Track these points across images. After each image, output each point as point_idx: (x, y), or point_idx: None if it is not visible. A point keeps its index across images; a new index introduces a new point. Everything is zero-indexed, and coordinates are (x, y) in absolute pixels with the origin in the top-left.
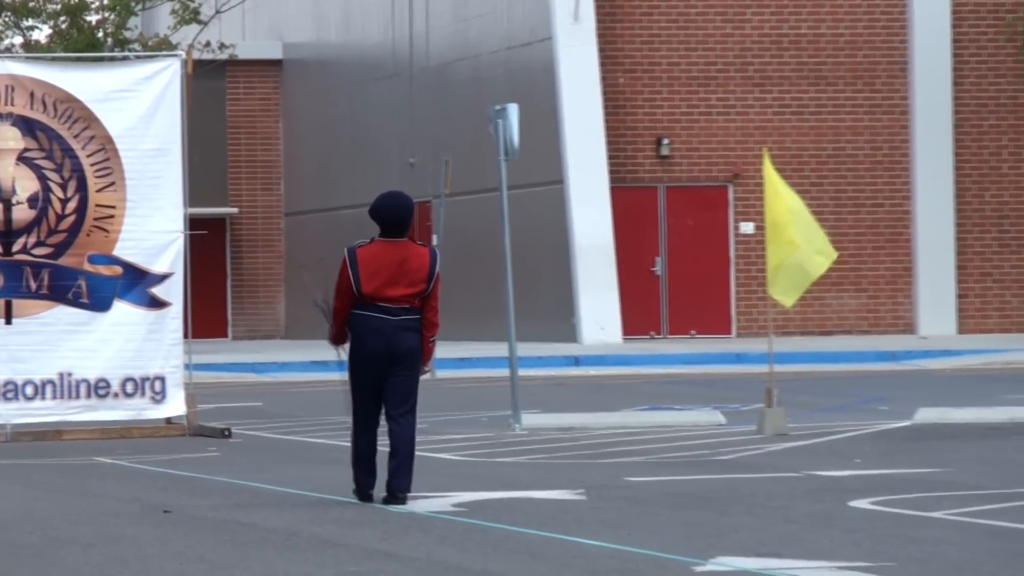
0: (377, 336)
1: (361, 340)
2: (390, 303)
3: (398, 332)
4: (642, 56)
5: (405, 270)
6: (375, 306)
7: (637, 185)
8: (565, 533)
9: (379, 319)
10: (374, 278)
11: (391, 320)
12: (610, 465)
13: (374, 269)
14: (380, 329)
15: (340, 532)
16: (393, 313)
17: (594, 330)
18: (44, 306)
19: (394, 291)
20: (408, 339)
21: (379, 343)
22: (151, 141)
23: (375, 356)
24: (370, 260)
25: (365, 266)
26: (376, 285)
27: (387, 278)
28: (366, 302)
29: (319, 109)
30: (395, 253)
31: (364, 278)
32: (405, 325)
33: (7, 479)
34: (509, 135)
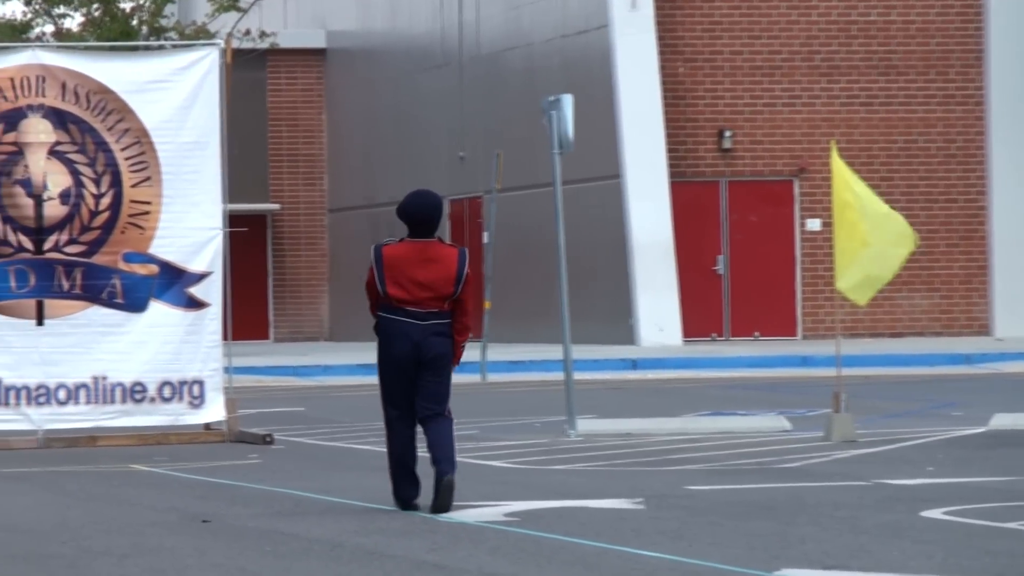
0: (405, 340)
1: (388, 344)
2: (418, 306)
3: (427, 337)
4: (703, 44)
5: (432, 272)
6: (402, 310)
7: (698, 180)
8: (622, 544)
9: (407, 323)
10: (399, 280)
11: (419, 324)
12: (670, 473)
13: (399, 270)
14: (408, 333)
15: (387, 542)
16: (421, 317)
17: (653, 332)
18: (77, 306)
19: (421, 293)
20: (437, 344)
21: (406, 347)
22: (188, 134)
23: (403, 361)
24: (396, 261)
25: (390, 267)
26: (402, 287)
27: (413, 280)
28: (393, 305)
29: (364, 100)
30: (422, 254)
31: (389, 280)
32: (435, 330)
33: (39, 487)
34: (563, 127)
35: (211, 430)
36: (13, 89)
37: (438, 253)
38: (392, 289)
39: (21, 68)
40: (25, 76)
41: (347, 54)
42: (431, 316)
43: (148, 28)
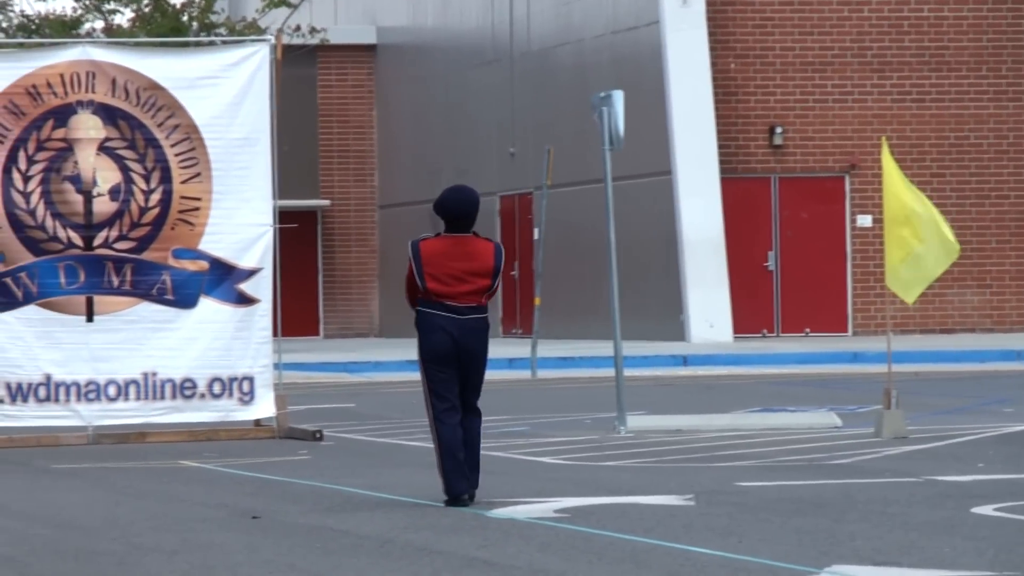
0: (444, 336)
1: (429, 340)
2: (456, 300)
3: (466, 333)
4: (754, 40)
5: (470, 266)
6: (441, 304)
7: (749, 176)
8: (672, 540)
9: (446, 318)
10: (437, 274)
11: (458, 319)
12: (720, 469)
13: (437, 264)
14: (446, 328)
15: (436, 539)
16: (460, 312)
17: (703, 328)
18: (127, 303)
19: (459, 287)
20: (475, 339)
21: (447, 343)
22: (238, 130)
23: (444, 355)
24: (433, 255)
25: (428, 262)
26: (440, 281)
27: (451, 274)
28: (432, 300)
29: (415, 96)
30: (459, 248)
31: (427, 274)
32: (474, 325)
33: (89, 483)
34: (614, 123)
35: (261, 426)
36: (63, 85)
37: (475, 248)
38: (431, 283)
39: (71, 64)
40: (75, 72)
41: (397, 50)
42: (469, 311)
43: (198, 24)
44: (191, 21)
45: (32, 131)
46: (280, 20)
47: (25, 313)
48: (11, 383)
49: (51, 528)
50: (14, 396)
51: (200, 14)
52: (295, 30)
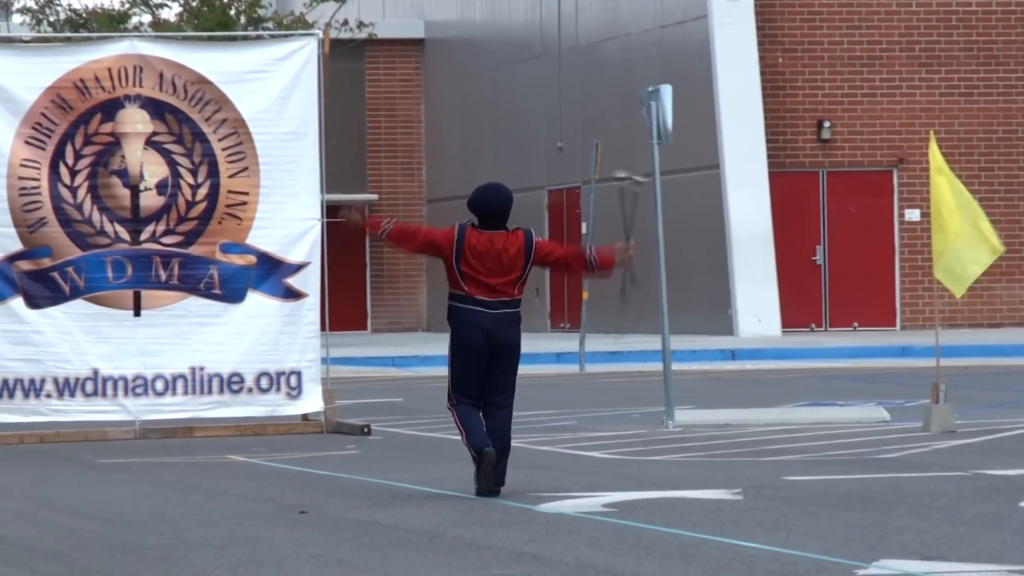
0: (477, 331)
1: (462, 334)
2: (486, 295)
3: (498, 326)
4: (802, 35)
5: (502, 262)
6: (473, 299)
7: (797, 170)
8: (720, 535)
9: (478, 312)
10: (472, 264)
11: (489, 313)
12: (768, 464)
13: (473, 258)
14: (479, 323)
15: (485, 533)
16: (492, 306)
17: (751, 322)
18: (174, 297)
19: (490, 279)
20: (508, 332)
21: (479, 337)
22: (286, 124)
23: (476, 350)
24: (472, 248)
25: (467, 253)
26: (473, 277)
27: (483, 271)
28: (464, 293)
29: (462, 91)
30: (493, 245)
31: (464, 269)
32: (505, 318)
33: (136, 478)
34: (662, 118)
35: (308, 421)
36: (111, 79)
37: (507, 243)
38: (464, 267)
39: (118, 58)
40: (122, 66)
41: (445, 44)
42: (501, 305)
43: (246, 18)
44: (238, 15)
45: (79, 125)
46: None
47: (72, 308)
48: (59, 378)
49: (98, 523)
50: (62, 391)
51: (248, 8)
52: (343, 24)
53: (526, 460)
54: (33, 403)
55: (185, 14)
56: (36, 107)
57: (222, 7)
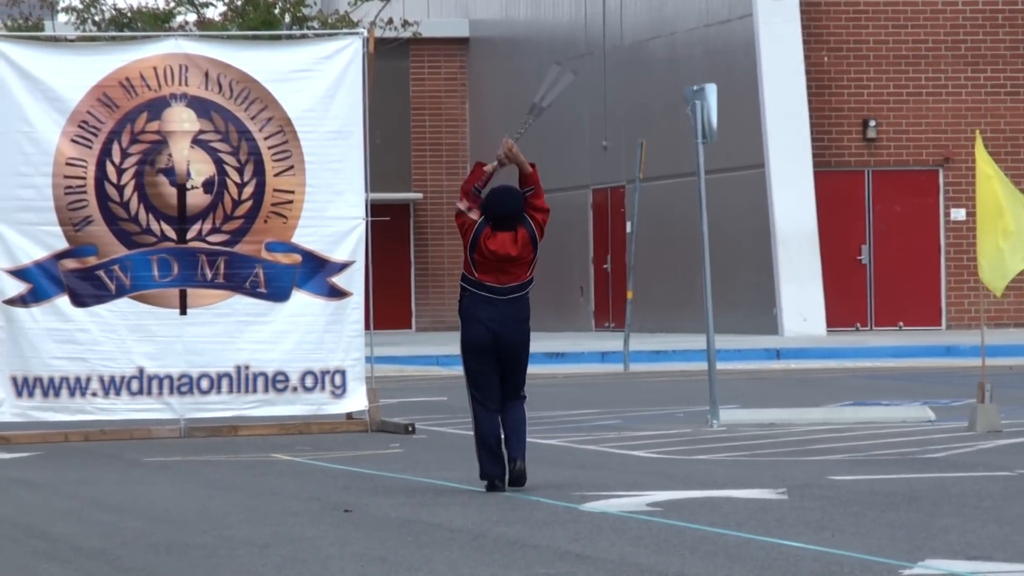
0: (483, 326)
1: (468, 332)
2: (497, 281)
3: (506, 323)
4: (848, 34)
5: (512, 257)
6: (483, 285)
7: (842, 169)
8: (765, 534)
9: (487, 301)
10: (484, 258)
11: (498, 301)
12: (813, 463)
13: (485, 254)
14: (487, 317)
15: (529, 532)
16: (501, 292)
17: (796, 322)
18: (220, 296)
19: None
20: (516, 331)
21: (485, 334)
22: (331, 123)
23: (483, 347)
24: (484, 246)
25: (482, 246)
26: (485, 266)
27: (496, 255)
28: (475, 279)
29: (507, 89)
30: (503, 246)
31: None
32: (513, 311)
33: (180, 476)
34: (707, 117)
35: (353, 419)
36: (156, 78)
37: (515, 239)
38: (477, 256)
39: (164, 57)
40: (168, 65)
41: (490, 43)
42: (510, 291)
43: (291, 17)
44: (283, 14)
45: (126, 124)
46: (372, 13)
47: (118, 306)
48: (104, 376)
49: (143, 521)
50: (107, 389)
51: (292, 7)
52: (388, 23)
53: (570, 459)
54: (79, 401)
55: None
56: (82, 106)
57: (267, 6)
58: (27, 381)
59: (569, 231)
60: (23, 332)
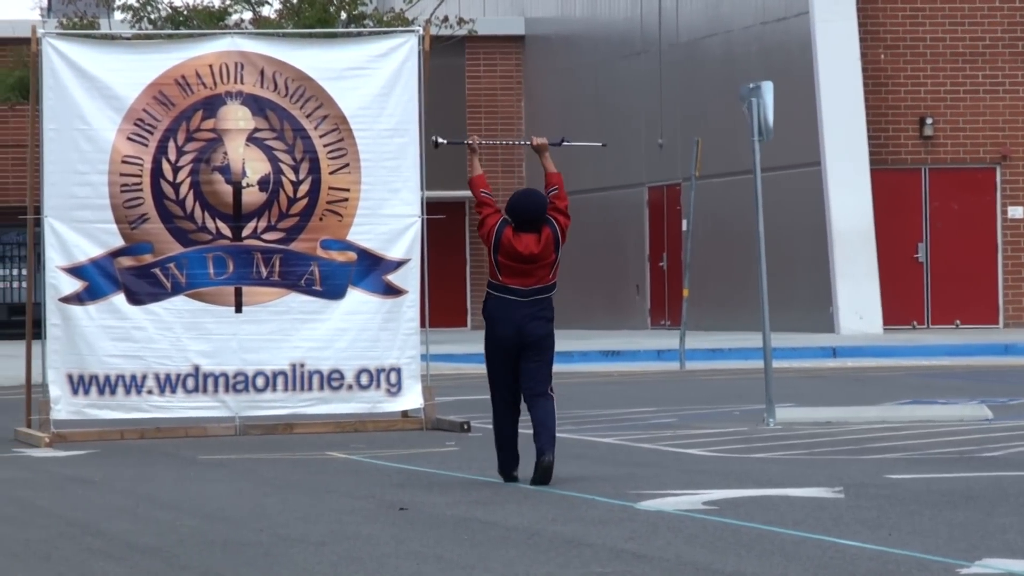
0: (508, 324)
1: (493, 329)
2: (521, 283)
3: (529, 320)
4: (904, 31)
5: (535, 258)
6: (507, 287)
7: (899, 167)
8: (822, 533)
9: (511, 303)
10: (509, 258)
11: (522, 303)
12: (869, 462)
13: (508, 254)
14: (511, 317)
15: (585, 531)
16: (525, 295)
17: (853, 319)
18: (275, 293)
19: (525, 265)
20: (539, 327)
21: (510, 330)
22: (387, 121)
23: (507, 345)
24: (507, 245)
25: (505, 248)
26: (509, 267)
27: (520, 256)
28: (499, 283)
29: (563, 87)
30: (527, 246)
31: (501, 255)
32: (537, 311)
33: (236, 474)
34: (763, 114)
35: (408, 417)
36: (212, 76)
37: (538, 240)
38: (501, 257)
39: (220, 55)
40: (224, 63)
41: (546, 41)
42: (534, 292)
43: (346, 15)
44: (339, 12)
45: (181, 122)
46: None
47: (174, 304)
48: (160, 374)
49: (198, 519)
50: (163, 387)
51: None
52: (443, 21)
53: (626, 457)
54: (134, 399)
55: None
56: (138, 104)
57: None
58: (83, 379)
59: (625, 229)
60: (79, 330)
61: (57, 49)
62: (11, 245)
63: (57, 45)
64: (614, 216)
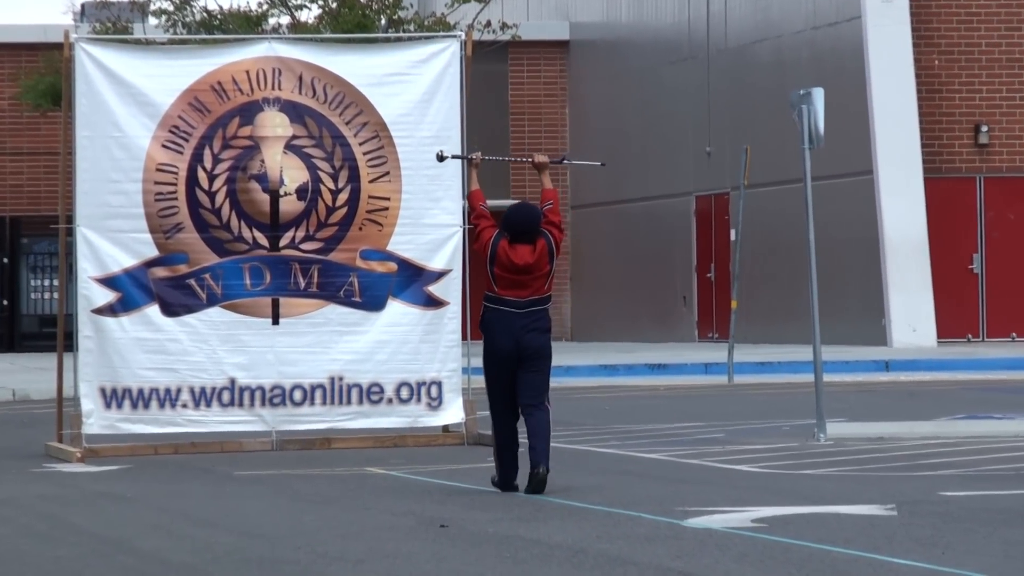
0: (506, 336)
1: (491, 339)
2: (517, 295)
3: (526, 333)
4: (959, 36)
5: (530, 269)
6: (503, 299)
7: (953, 176)
8: (874, 551)
9: (508, 315)
10: (504, 270)
11: (519, 314)
12: (923, 479)
13: (504, 265)
14: (508, 329)
15: (630, 549)
16: (521, 306)
17: (906, 332)
18: (314, 305)
19: (521, 276)
20: (535, 339)
21: (508, 342)
22: (428, 128)
23: (505, 357)
24: (504, 254)
25: (500, 260)
26: (505, 279)
27: (515, 267)
28: (495, 295)
29: (608, 94)
30: (522, 258)
31: (497, 267)
32: (533, 322)
33: (272, 490)
34: (814, 121)
35: (449, 432)
36: (249, 82)
37: (532, 251)
38: (497, 269)
39: (257, 60)
40: (261, 69)
41: (591, 46)
42: (530, 304)
43: (386, 19)
44: (378, 16)
45: (218, 129)
46: (470, 16)
47: (209, 315)
48: (195, 387)
49: (234, 536)
50: (198, 401)
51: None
52: (485, 26)
53: (673, 474)
54: (168, 413)
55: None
56: (173, 110)
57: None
58: (116, 392)
59: (672, 239)
60: (112, 342)
61: (90, 54)
62: (43, 255)
63: (90, 50)
64: (661, 226)
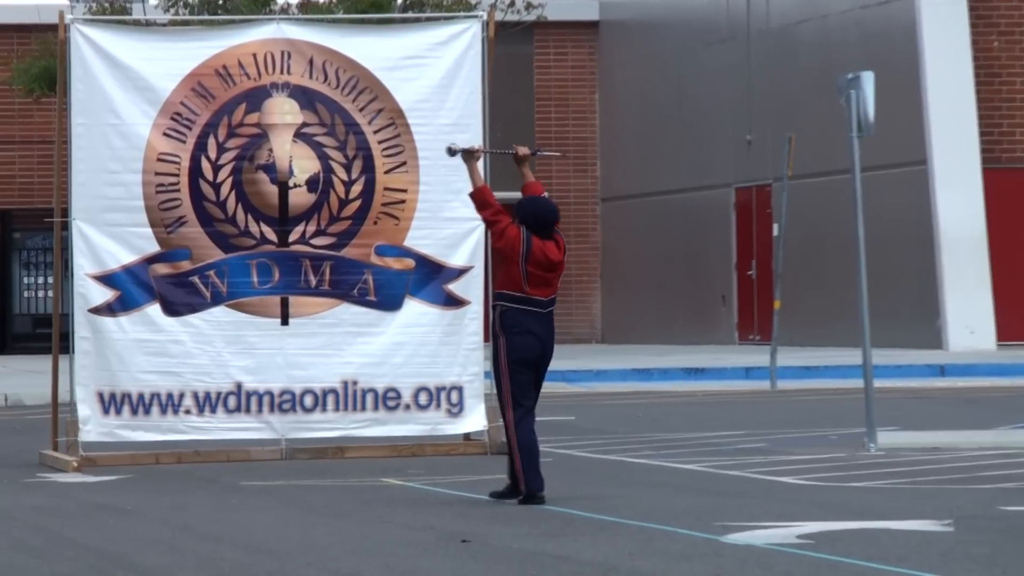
0: (533, 338)
1: (519, 343)
2: (543, 295)
3: (548, 331)
4: (1021, 15)
5: (553, 266)
6: (531, 299)
7: (1014, 166)
8: (929, 570)
9: (533, 315)
10: (537, 268)
11: (543, 314)
12: (982, 491)
13: (535, 263)
14: (534, 330)
15: (666, 566)
16: (545, 306)
17: (963, 334)
18: (326, 304)
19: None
20: (552, 338)
21: (535, 346)
22: (447, 115)
23: (535, 355)
24: (534, 254)
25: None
26: (537, 277)
27: (542, 264)
28: (523, 295)
29: (641, 78)
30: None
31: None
32: (551, 319)
33: (282, 502)
34: (863, 108)
35: (471, 441)
36: (256, 66)
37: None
38: (531, 267)
39: (264, 43)
40: (269, 52)
41: (622, 27)
42: (550, 303)
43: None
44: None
45: (223, 116)
46: None
47: (214, 315)
48: (199, 392)
49: (240, 551)
50: (202, 406)
51: None
52: (509, 5)
53: (712, 486)
54: (171, 420)
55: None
56: (175, 96)
57: None
58: (114, 397)
59: (710, 234)
60: (110, 344)
61: (87, 36)
62: (36, 251)
63: (87, 32)
64: (698, 220)
